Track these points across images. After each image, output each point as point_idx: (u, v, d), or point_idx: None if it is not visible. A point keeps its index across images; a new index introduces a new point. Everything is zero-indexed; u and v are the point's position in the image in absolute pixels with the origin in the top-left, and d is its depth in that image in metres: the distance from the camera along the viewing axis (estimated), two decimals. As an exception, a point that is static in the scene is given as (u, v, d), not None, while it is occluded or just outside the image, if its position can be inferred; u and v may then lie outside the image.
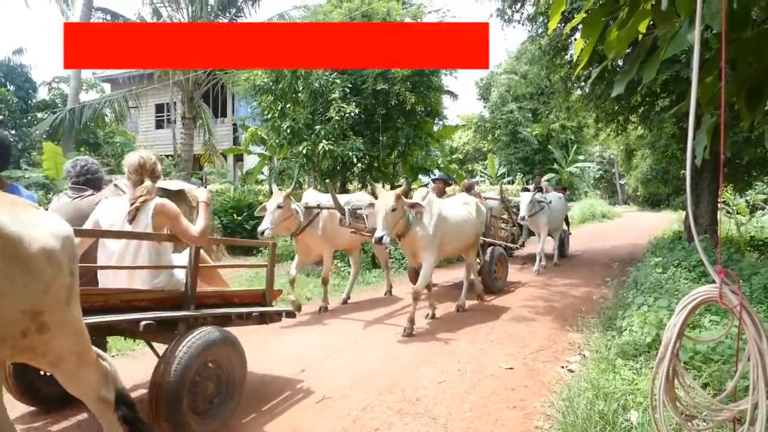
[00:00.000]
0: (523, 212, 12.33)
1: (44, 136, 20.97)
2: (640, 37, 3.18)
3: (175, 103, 24.31)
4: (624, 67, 3.65)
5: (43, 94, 28.32)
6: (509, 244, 12.19)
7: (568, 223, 17.60)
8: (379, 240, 6.80)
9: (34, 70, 25.51)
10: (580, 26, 3.50)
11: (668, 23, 3.06)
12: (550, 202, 13.59)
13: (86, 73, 26.54)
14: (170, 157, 23.53)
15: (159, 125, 30.80)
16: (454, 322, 8.19)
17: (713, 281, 2.80)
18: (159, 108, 30.22)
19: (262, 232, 7.98)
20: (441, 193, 10.42)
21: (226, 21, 21.65)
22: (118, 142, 23.86)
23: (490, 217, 10.92)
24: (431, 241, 7.64)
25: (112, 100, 22.42)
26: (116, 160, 23.23)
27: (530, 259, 14.63)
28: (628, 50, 3.88)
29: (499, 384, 5.54)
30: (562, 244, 15.66)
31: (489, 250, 10.21)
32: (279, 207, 8.14)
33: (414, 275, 9.67)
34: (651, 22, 3.16)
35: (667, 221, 27.43)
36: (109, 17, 21.66)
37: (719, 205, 13.62)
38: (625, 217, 37.89)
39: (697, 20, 2.43)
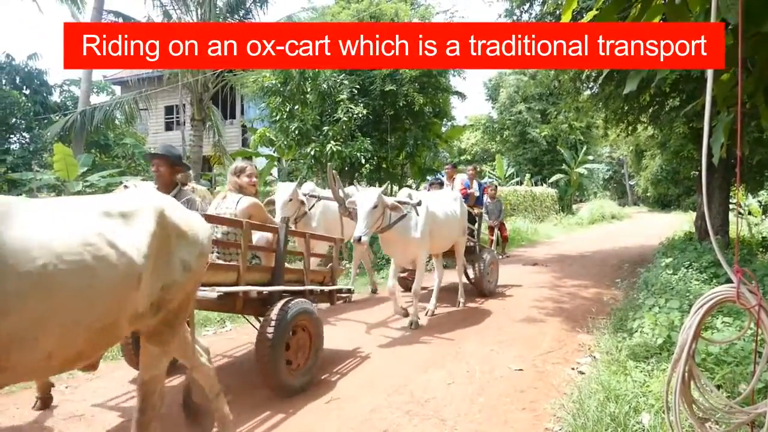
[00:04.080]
0: (359, 231, 6.76)
1: (56, 138, 21.01)
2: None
3: (184, 105, 24.29)
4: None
5: (56, 97, 28.60)
6: (333, 288, 6.51)
7: (503, 238, 15.66)
8: None
9: (49, 74, 25.78)
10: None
11: (681, 18, 3.01)
12: (419, 203, 7.57)
13: (97, 76, 26.66)
14: (179, 159, 23.54)
15: (168, 127, 30.83)
16: (462, 324, 8.13)
17: (725, 282, 2.75)
18: (168, 110, 30.25)
19: None
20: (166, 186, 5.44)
21: (234, 22, 21.69)
22: (128, 143, 23.92)
23: (284, 232, 5.61)
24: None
25: (122, 103, 22.45)
26: (126, 162, 23.28)
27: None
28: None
29: (508, 386, 5.49)
30: (481, 274, 10.04)
31: (277, 309, 5.07)
32: None
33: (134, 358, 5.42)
34: (663, 18, 3.11)
35: (677, 222, 27.27)
36: (120, 20, 21.71)
37: (732, 205, 13.49)
38: (635, 218, 37.78)
39: (713, 13, 2.39)
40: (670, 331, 5.58)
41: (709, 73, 2.57)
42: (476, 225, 10.72)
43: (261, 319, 5.24)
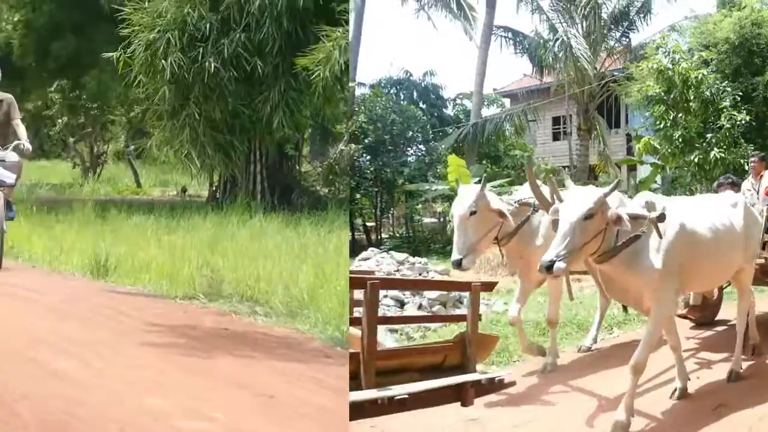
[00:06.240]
0: (550, 254, 3.90)
1: (449, 150, 23.07)
2: None
3: (570, 115, 24.99)
4: None
5: (450, 110, 31.24)
6: (464, 379, 3.82)
7: None
8: None
9: (444, 88, 28.51)
10: None
11: None
12: (661, 216, 4.33)
13: (487, 89, 28.54)
14: (566, 168, 24.27)
15: (555, 137, 31.56)
16: None
17: None
18: (555, 121, 30.99)
19: None
20: None
21: (618, 34, 22.01)
22: (517, 154, 25.22)
23: None
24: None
25: (511, 115, 23.96)
26: (516, 172, 24.60)
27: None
28: None
29: None
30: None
31: None
32: None
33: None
34: None
35: None
36: (509, 35, 23.21)
37: None
38: None
39: None
40: None
41: None
42: None
43: None
